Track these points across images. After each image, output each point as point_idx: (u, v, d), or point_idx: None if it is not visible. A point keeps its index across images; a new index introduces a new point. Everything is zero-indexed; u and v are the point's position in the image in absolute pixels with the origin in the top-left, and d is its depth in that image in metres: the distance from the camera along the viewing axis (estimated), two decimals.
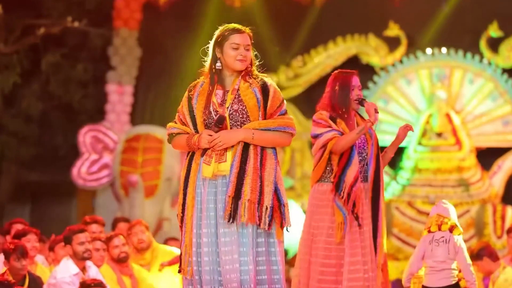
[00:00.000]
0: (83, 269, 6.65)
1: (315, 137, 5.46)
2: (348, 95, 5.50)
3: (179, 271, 4.76)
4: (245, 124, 4.68)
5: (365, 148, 5.51)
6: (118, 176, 12.56)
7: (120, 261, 7.34)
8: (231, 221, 4.55)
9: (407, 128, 5.61)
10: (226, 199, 4.58)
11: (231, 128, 4.67)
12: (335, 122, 5.46)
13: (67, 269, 6.48)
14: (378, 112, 5.42)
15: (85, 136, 12.88)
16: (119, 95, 13.68)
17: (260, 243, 4.63)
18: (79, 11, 13.48)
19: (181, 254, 4.73)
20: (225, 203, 4.58)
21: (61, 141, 13.82)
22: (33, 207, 14.31)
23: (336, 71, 5.72)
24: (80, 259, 6.63)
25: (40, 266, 7.23)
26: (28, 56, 13.45)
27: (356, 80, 5.56)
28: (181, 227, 4.74)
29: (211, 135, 4.63)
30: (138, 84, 13.86)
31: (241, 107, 4.70)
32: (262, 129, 4.67)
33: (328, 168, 5.43)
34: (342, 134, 5.38)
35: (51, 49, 13.49)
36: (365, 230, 5.38)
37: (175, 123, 4.83)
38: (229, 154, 4.64)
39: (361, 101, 5.51)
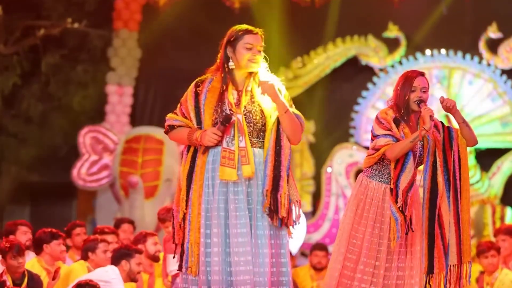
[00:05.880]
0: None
1: (373, 136, 5.36)
2: (407, 95, 5.35)
3: (179, 269, 4.67)
4: (258, 125, 4.65)
5: (421, 156, 5.43)
6: (118, 177, 12.57)
7: (155, 259, 7.44)
8: (273, 216, 4.54)
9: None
10: (265, 193, 4.55)
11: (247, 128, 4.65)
12: (398, 125, 5.32)
13: (114, 272, 6.61)
14: (433, 120, 5.28)
15: (85, 137, 12.87)
16: (119, 96, 13.69)
17: (272, 245, 4.60)
18: (79, 12, 13.47)
19: (182, 251, 4.65)
20: (265, 198, 4.54)
21: (61, 142, 13.82)
22: (33, 208, 14.30)
23: (406, 71, 5.60)
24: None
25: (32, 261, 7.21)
26: (28, 57, 13.46)
27: (420, 81, 5.38)
28: (179, 223, 4.64)
29: (215, 133, 4.58)
30: (138, 85, 13.87)
31: (255, 108, 4.69)
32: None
33: (378, 167, 5.38)
34: (397, 140, 5.26)
35: (51, 50, 13.50)
36: (416, 235, 5.33)
37: (176, 114, 4.77)
38: (251, 154, 4.60)
39: (419, 104, 5.36)
